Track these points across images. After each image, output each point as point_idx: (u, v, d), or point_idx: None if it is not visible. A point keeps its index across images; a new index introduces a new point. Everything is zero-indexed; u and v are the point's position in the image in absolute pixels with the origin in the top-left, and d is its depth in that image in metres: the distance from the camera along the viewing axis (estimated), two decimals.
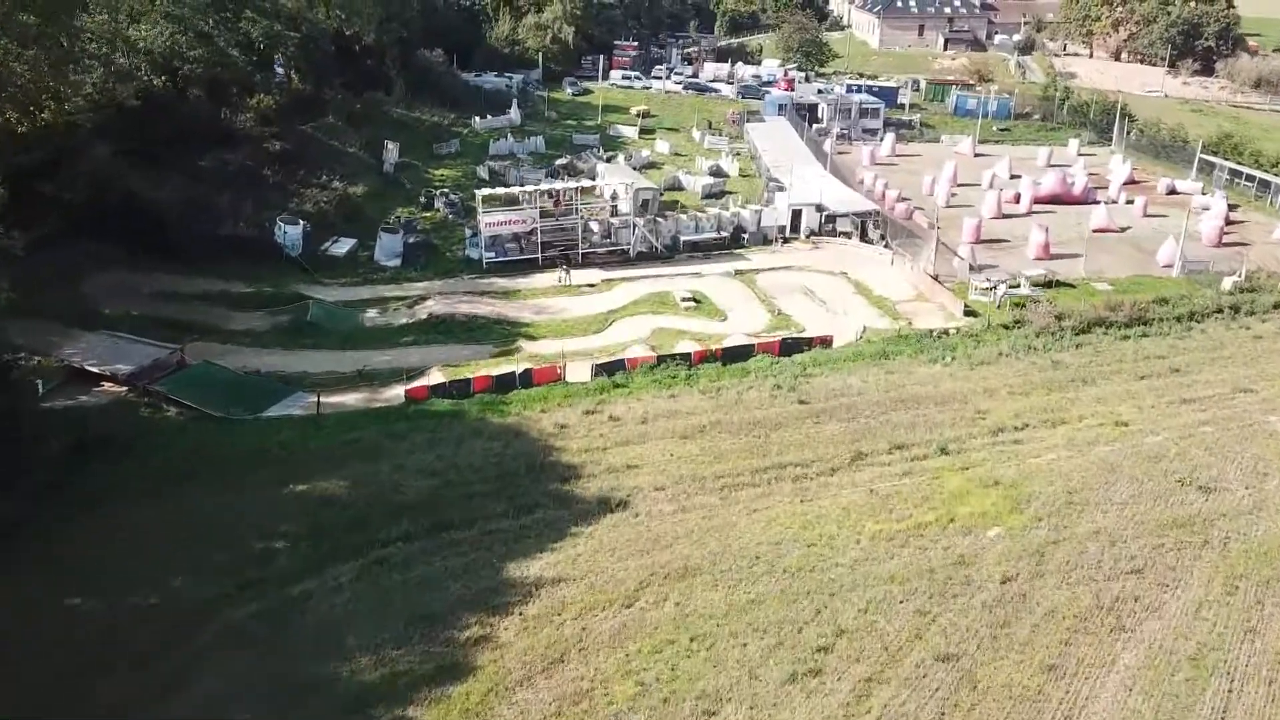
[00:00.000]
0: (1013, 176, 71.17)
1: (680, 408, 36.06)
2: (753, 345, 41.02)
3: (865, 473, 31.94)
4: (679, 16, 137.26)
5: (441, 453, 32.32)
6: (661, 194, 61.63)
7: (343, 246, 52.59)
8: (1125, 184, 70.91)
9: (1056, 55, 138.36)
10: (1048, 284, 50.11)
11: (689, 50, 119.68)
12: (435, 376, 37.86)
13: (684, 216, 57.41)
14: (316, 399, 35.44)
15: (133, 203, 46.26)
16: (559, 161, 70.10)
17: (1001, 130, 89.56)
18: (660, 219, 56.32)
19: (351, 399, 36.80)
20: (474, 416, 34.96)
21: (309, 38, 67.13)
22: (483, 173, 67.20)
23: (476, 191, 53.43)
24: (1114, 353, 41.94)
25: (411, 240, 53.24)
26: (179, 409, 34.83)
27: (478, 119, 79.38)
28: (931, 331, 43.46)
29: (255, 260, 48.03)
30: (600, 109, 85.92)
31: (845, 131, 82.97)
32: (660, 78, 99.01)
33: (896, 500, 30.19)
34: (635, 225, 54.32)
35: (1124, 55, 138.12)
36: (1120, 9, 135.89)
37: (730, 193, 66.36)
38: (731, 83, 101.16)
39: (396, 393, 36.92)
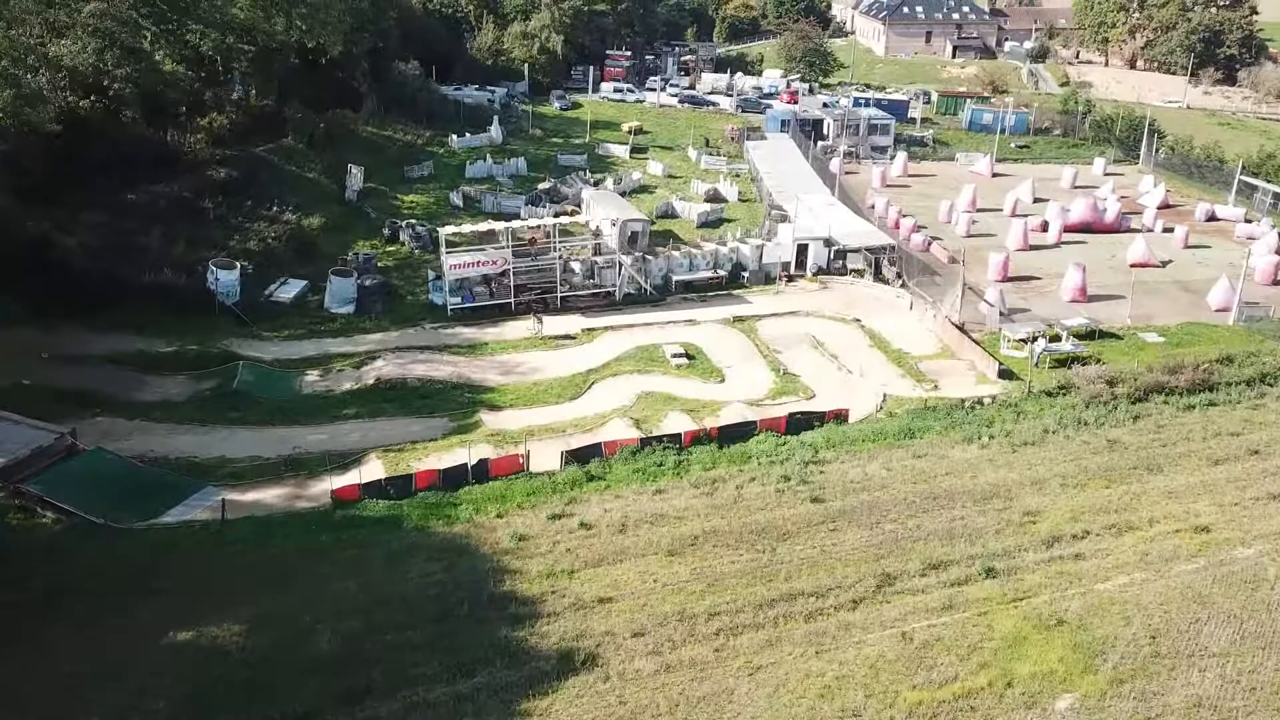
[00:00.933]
0: (1036, 200, 65.12)
1: (668, 509, 29.78)
2: (754, 423, 34.68)
3: (895, 605, 25.65)
4: (675, 24, 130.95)
5: (368, 579, 26.04)
6: (653, 224, 55.40)
7: (290, 290, 46.35)
8: (1159, 208, 64.80)
9: (1070, 63, 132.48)
10: (1090, 334, 43.91)
11: (686, 59, 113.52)
12: (372, 466, 31.60)
13: (677, 253, 51.09)
14: (221, 503, 29.11)
15: (38, 246, 40.25)
16: (541, 186, 63.94)
17: (1020, 147, 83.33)
18: (650, 256, 50.04)
19: (271, 496, 30.47)
20: (413, 524, 28.64)
21: (268, 50, 60.85)
22: (456, 199, 61.05)
23: (440, 230, 47.01)
24: (1179, 428, 35.60)
25: (368, 283, 46.87)
26: (56, 513, 28.59)
27: (455, 137, 73.14)
28: (964, 402, 37.15)
29: (183, 311, 41.72)
30: (589, 125, 79.70)
31: (853, 150, 76.88)
32: (655, 89, 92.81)
33: (937, 650, 23.90)
34: (621, 265, 48.09)
35: (1140, 63, 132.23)
36: (1137, 15, 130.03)
37: (729, 220, 60.29)
38: (730, 94, 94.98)
39: (327, 486, 30.65)
